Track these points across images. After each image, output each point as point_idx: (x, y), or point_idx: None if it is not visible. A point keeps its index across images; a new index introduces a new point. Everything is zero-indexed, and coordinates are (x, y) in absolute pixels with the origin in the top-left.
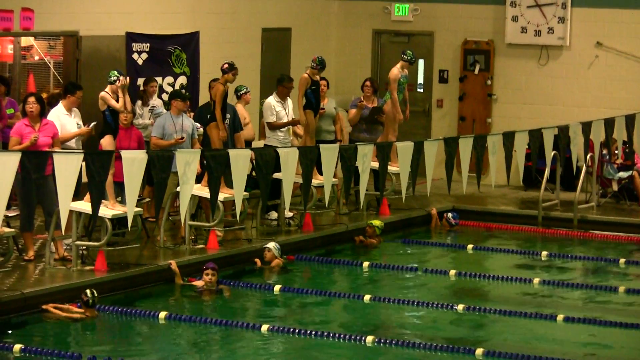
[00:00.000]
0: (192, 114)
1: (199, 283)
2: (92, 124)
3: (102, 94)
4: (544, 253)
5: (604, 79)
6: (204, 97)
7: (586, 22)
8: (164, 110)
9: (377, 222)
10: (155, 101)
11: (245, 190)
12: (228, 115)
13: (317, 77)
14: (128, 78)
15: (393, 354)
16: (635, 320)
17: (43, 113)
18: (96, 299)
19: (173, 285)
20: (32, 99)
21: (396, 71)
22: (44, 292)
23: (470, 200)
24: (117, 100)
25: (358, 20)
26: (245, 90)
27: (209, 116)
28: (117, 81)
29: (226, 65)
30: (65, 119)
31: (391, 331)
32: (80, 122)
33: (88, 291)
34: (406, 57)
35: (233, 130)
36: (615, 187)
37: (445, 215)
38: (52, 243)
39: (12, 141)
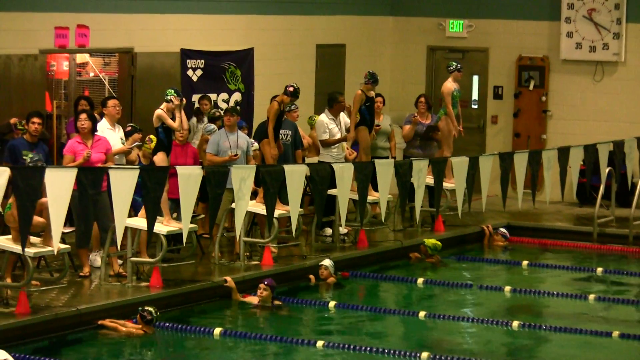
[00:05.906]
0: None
1: (254, 300)
2: (135, 144)
3: (158, 111)
4: (599, 269)
5: None
6: (258, 114)
7: None
8: (214, 126)
9: (430, 242)
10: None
11: (300, 207)
12: (289, 132)
13: (372, 94)
14: (184, 99)
15: None
16: None
17: (95, 129)
18: (155, 316)
19: (228, 302)
20: (83, 116)
21: (449, 85)
22: (99, 308)
23: (525, 216)
24: (174, 118)
25: (412, 36)
26: (293, 107)
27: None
28: (172, 101)
29: (291, 89)
30: (109, 134)
31: (446, 347)
32: (124, 137)
33: (152, 310)
34: (451, 68)
35: (294, 147)
36: None
37: (499, 230)
38: (107, 259)
39: (65, 159)
